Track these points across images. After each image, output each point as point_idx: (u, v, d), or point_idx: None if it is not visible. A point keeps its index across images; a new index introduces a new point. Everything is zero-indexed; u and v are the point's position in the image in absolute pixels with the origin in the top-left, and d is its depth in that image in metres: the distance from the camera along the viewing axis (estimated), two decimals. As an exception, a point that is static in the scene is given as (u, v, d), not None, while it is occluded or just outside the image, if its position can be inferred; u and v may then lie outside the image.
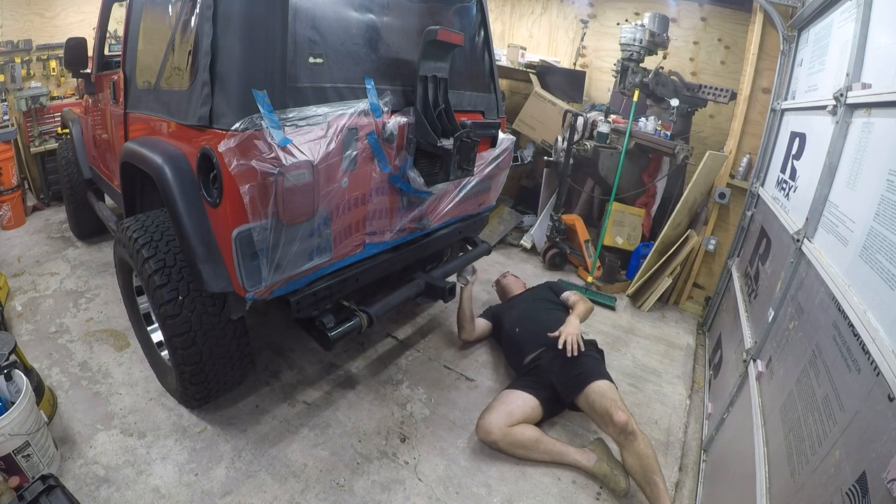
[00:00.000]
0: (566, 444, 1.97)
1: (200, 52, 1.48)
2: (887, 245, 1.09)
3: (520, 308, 2.51)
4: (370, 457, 1.95)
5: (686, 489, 1.94)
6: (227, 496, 1.72)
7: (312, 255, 1.63)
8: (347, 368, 2.47)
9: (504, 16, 5.02)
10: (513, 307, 2.57)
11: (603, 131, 3.54)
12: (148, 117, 1.94)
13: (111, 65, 2.68)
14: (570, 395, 2.02)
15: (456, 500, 1.80)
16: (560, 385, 2.05)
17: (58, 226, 3.93)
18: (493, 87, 2.40)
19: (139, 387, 2.20)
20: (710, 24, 3.83)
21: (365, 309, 1.93)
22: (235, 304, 1.72)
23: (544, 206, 4.24)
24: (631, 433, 1.78)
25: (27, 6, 4.07)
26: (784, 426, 1.37)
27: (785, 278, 1.71)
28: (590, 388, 1.96)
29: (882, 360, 0.94)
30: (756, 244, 2.50)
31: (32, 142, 4.10)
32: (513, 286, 2.85)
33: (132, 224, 1.84)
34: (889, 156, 1.21)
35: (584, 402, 1.97)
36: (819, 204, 1.58)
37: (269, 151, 1.35)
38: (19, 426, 1.57)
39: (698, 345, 3.06)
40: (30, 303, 2.81)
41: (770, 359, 1.71)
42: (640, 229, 3.78)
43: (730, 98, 3.23)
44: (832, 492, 0.99)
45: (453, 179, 1.95)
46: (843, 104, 1.53)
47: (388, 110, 1.72)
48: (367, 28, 1.72)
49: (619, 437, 1.81)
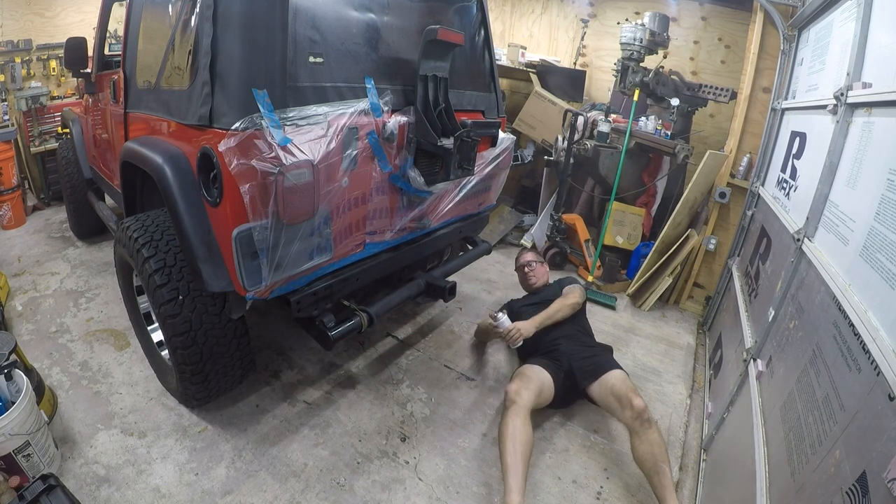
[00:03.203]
0: (521, 475, 1.69)
1: (200, 51, 1.48)
2: (888, 244, 1.09)
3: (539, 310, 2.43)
4: (370, 456, 1.95)
5: (686, 489, 1.94)
6: (228, 496, 1.73)
7: (313, 255, 1.63)
8: (348, 368, 2.47)
9: (504, 15, 5.02)
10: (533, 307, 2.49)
11: (603, 131, 3.55)
12: (148, 117, 1.94)
13: (111, 64, 2.69)
14: (587, 380, 2.07)
15: (456, 499, 1.80)
16: (578, 370, 2.10)
17: (58, 225, 3.94)
18: (494, 86, 2.39)
19: (139, 386, 2.20)
20: (710, 24, 3.83)
21: (365, 308, 1.93)
22: (236, 304, 1.72)
23: (544, 205, 4.24)
24: (647, 420, 1.82)
25: (27, 6, 4.07)
26: (784, 426, 1.37)
27: (785, 278, 1.71)
28: (609, 374, 2.03)
29: (882, 360, 0.94)
30: (756, 244, 2.49)
31: (33, 141, 4.10)
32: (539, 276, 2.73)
33: (132, 224, 1.84)
34: (889, 155, 1.20)
35: (603, 385, 2.01)
36: (819, 203, 1.58)
37: (270, 151, 1.35)
38: (20, 426, 1.57)
39: (699, 344, 3.06)
40: (30, 302, 2.81)
41: (770, 358, 1.71)
42: (640, 229, 3.78)
43: (730, 97, 3.23)
44: (832, 491, 0.99)
45: (453, 179, 1.95)
46: (844, 103, 1.53)
47: (389, 110, 1.72)
48: (367, 27, 1.72)
49: (635, 424, 1.83)
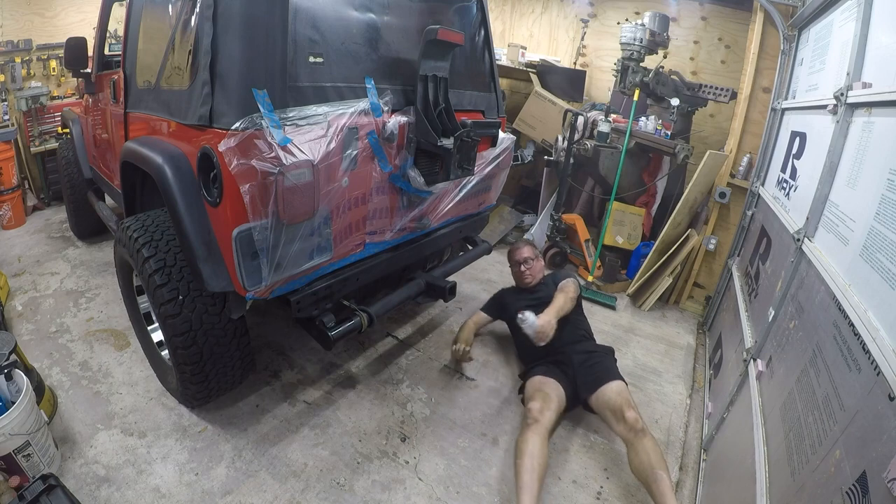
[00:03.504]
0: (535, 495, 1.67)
1: (200, 51, 1.48)
2: (888, 244, 1.09)
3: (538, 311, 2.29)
4: (370, 456, 1.95)
5: (686, 488, 1.95)
6: (228, 496, 1.73)
7: (313, 255, 1.63)
8: (348, 368, 2.47)
9: (504, 15, 5.02)
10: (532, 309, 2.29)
11: (603, 130, 3.54)
12: (148, 117, 1.94)
13: (111, 64, 2.68)
14: (586, 391, 2.08)
15: (456, 499, 1.80)
16: (581, 380, 2.11)
17: (58, 225, 3.93)
18: (494, 86, 2.39)
19: (139, 386, 2.20)
20: (710, 24, 3.83)
21: (365, 308, 1.93)
22: (236, 304, 1.72)
23: (544, 205, 4.24)
24: (640, 430, 1.83)
25: (27, 6, 4.07)
26: (784, 425, 1.37)
27: (785, 277, 1.71)
28: (607, 385, 2.03)
29: (882, 360, 0.94)
30: (756, 243, 2.49)
31: (33, 141, 4.10)
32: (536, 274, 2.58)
33: (132, 223, 1.84)
34: (889, 155, 1.20)
35: (600, 398, 2.02)
36: (819, 203, 1.58)
37: (270, 151, 1.35)
38: (20, 426, 1.57)
39: (699, 344, 3.06)
40: (30, 302, 2.81)
41: (770, 358, 1.71)
42: (640, 229, 3.78)
43: (730, 97, 3.23)
44: (832, 491, 0.99)
45: (454, 179, 1.95)
46: (844, 103, 1.53)
47: (389, 109, 1.72)
48: (367, 27, 1.72)
49: (629, 435, 1.84)
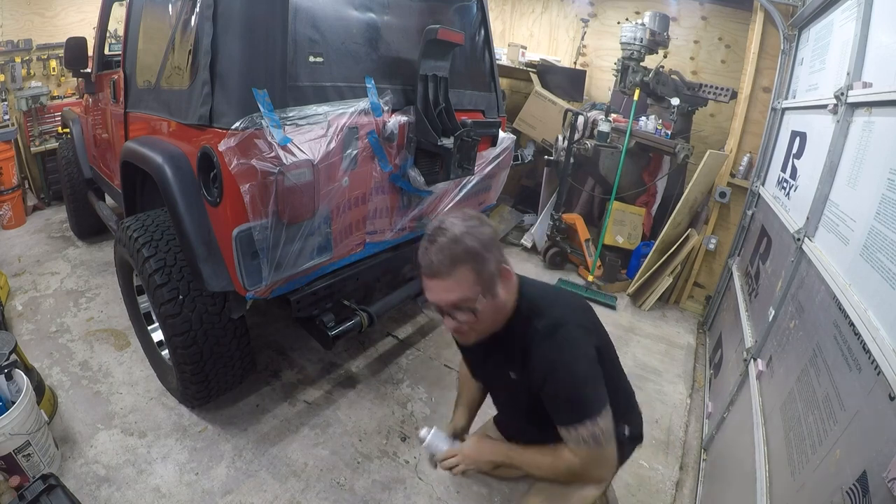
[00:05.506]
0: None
1: (201, 51, 1.48)
2: (888, 244, 1.09)
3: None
4: (371, 456, 1.95)
5: (686, 488, 1.94)
6: (228, 495, 1.73)
7: (313, 255, 1.63)
8: (348, 367, 2.47)
9: (504, 14, 5.01)
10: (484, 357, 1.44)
11: (603, 130, 3.54)
12: (148, 116, 1.94)
13: (111, 64, 2.68)
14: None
15: (456, 499, 1.80)
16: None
17: (58, 225, 3.93)
18: (494, 85, 2.39)
19: (140, 386, 2.20)
20: (710, 23, 3.82)
21: (365, 308, 1.93)
22: (236, 304, 1.72)
23: (545, 205, 4.24)
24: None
25: (27, 6, 4.06)
26: (784, 425, 1.37)
27: (785, 277, 1.71)
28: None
29: (883, 360, 0.94)
30: (757, 243, 2.49)
31: (33, 141, 4.10)
32: (483, 326, 1.38)
33: (132, 223, 1.84)
34: (890, 155, 1.20)
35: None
36: (820, 203, 1.58)
37: (270, 150, 1.35)
38: (20, 426, 1.57)
39: (699, 344, 3.06)
40: (30, 302, 2.81)
41: (770, 358, 1.71)
42: (640, 228, 3.78)
43: (730, 97, 3.23)
44: (832, 491, 0.99)
45: (454, 178, 1.95)
46: (844, 103, 1.53)
47: (389, 109, 1.72)
48: (367, 27, 1.72)
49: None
